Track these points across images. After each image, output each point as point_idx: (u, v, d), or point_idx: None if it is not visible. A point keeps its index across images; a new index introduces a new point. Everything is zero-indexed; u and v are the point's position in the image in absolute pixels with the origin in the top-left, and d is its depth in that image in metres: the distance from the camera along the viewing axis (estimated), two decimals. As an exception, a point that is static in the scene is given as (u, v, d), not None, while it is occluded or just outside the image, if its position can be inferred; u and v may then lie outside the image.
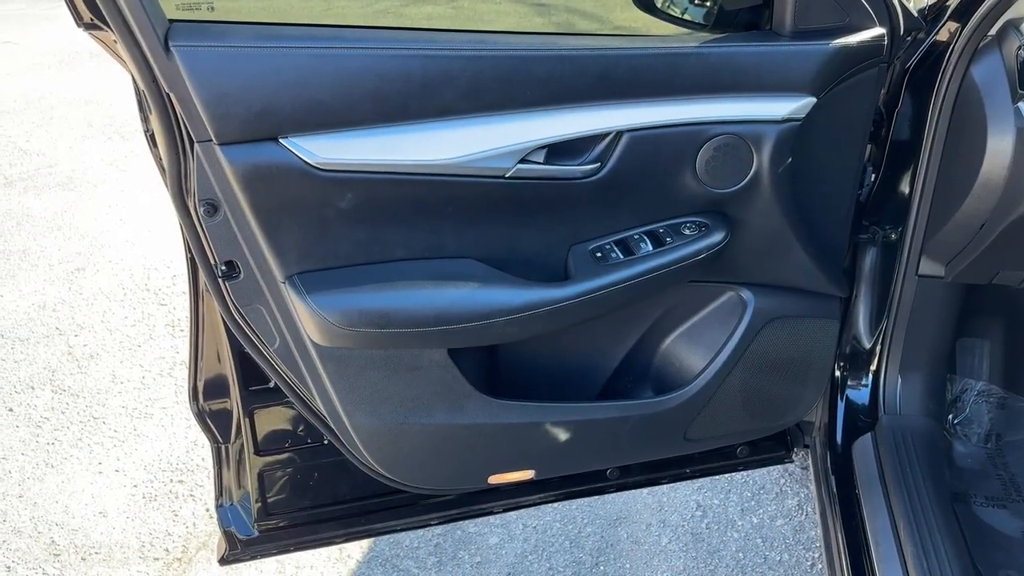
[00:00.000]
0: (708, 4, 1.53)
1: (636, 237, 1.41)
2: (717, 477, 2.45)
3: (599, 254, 1.39)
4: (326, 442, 1.59)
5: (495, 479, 1.58)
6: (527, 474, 1.60)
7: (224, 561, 1.69)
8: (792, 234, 1.46)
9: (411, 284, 1.32)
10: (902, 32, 1.40)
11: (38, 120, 6.11)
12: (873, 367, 1.81)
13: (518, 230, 1.37)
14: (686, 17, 1.57)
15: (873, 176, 1.69)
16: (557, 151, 1.31)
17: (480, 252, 1.37)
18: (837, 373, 1.82)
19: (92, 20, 1.18)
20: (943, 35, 1.53)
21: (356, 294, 1.29)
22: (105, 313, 3.55)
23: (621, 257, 1.38)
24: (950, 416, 1.92)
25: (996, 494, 1.75)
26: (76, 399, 2.99)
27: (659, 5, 1.55)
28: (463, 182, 1.29)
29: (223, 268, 1.31)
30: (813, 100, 1.34)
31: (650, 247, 1.39)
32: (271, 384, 1.52)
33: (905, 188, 1.62)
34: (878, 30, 1.33)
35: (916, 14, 1.46)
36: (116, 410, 2.92)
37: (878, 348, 1.78)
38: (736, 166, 1.37)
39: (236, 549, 1.69)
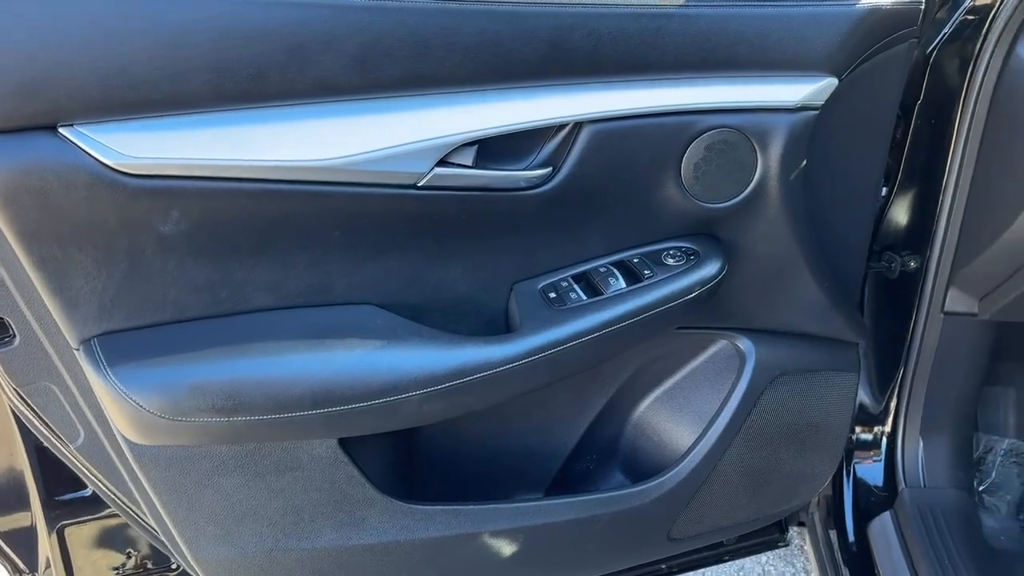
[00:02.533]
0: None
1: (603, 270, 1.02)
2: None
3: (553, 294, 0.99)
4: (175, 567, 1.13)
5: (414, 613, 1.15)
6: None
7: None
8: (804, 264, 1.10)
9: (278, 346, 0.89)
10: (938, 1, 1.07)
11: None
12: (887, 428, 1.46)
13: (437, 263, 0.97)
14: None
15: (885, 190, 1.36)
16: (491, 150, 0.92)
17: (383, 295, 0.95)
18: None
19: None
20: (974, 10, 1.21)
21: (189, 365, 0.85)
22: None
23: (584, 298, 0.99)
24: (974, 482, 1.58)
25: (1045, 583, 1.41)
26: None
27: None
28: (355, 194, 0.88)
29: None
30: (835, 82, 0.98)
31: (623, 283, 1.00)
32: (87, 491, 1.06)
33: (928, 204, 1.28)
34: None
35: None
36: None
37: (893, 405, 1.44)
38: (734, 171, 1.00)
39: None
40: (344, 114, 0.85)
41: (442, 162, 0.89)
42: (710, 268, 1.02)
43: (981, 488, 1.57)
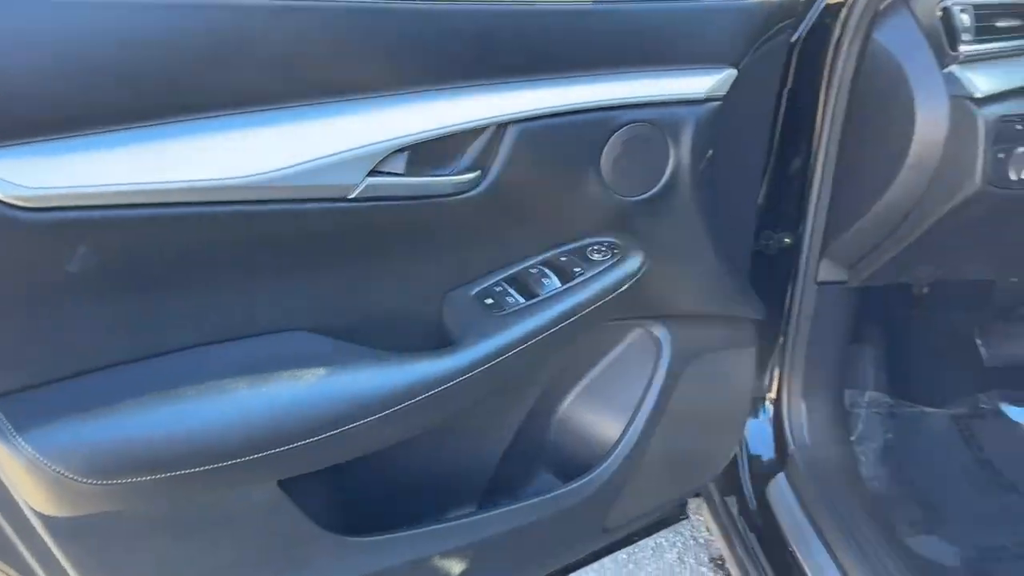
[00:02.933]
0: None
1: (534, 271, 1.00)
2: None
3: (490, 300, 0.97)
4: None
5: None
6: None
7: None
8: (712, 248, 1.14)
9: (214, 386, 0.80)
10: None
11: None
12: (772, 395, 1.55)
13: (370, 278, 0.91)
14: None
15: (760, 172, 1.44)
16: (418, 156, 0.88)
17: (315, 318, 0.89)
18: None
19: None
20: (834, 0, 1.30)
21: (115, 418, 0.75)
22: None
23: (522, 301, 0.97)
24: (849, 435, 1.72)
25: (917, 518, 1.56)
26: None
27: None
28: (282, 211, 0.80)
29: None
30: (734, 72, 1.03)
31: (557, 283, 0.99)
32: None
33: (800, 184, 1.37)
34: None
35: None
36: None
37: (776, 372, 1.53)
38: (649, 164, 1.02)
39: None
40: (267, 124, 0.77)
41: (374, 171, 0.84)
42: (634, 261, 1.03)
43: (852, 439, 1.72)
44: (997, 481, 1.61)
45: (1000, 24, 1.14)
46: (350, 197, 0.83)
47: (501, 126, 0.91)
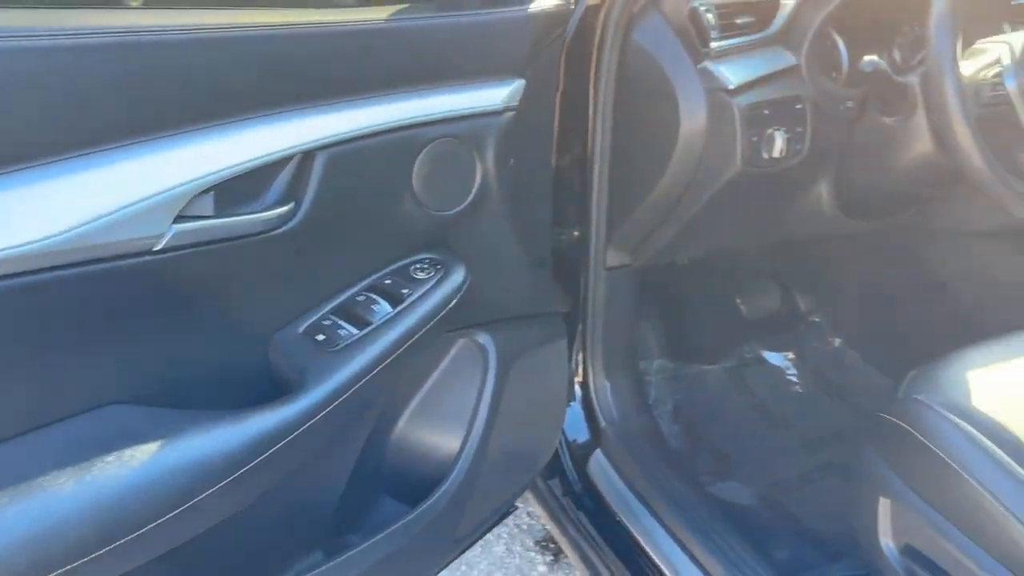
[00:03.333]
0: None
1: (362, 298, 0.97)
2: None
3: (321, 336, 0.92)
4: None
5: None
6: None
7: None
8: (523, 251, 1.18)
9: (27, 487, 0.68)
10: None
11: None
12: (579, 378, 1.63)
13: (187, 333, 0.83)
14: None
15: (544, 173, 1.50)
16: (225, 195, 0.82)
17: (134, 387, 0.79)
18: None
19: None
20: (593, 3, 1.38)
21: None
22: None
23: (355, 332, 0.93)
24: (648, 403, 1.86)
25: (713, 467, 1.73)
26: None
27: None
28: (83, 275, 0.71)
29: None
30: (523, 82, 1.06)
31: (388, 307, 0.97)
32: None
33: (582, 181, 1.45)
34: None
35: None
36: None
37: (580, 356, 1.61)
38: (459, 178, 1.03)
39: None
40: (50, 179, 0.67)
41: (180, 216, 0.76)
42: (458, 274, 1.04)
43: (649, 404, 1.86)
44: (771, 421, 1.82)
45: (739, 21, 1.28)
46: (157, 248, 0.75)
47: (308, 154, 0.87)
